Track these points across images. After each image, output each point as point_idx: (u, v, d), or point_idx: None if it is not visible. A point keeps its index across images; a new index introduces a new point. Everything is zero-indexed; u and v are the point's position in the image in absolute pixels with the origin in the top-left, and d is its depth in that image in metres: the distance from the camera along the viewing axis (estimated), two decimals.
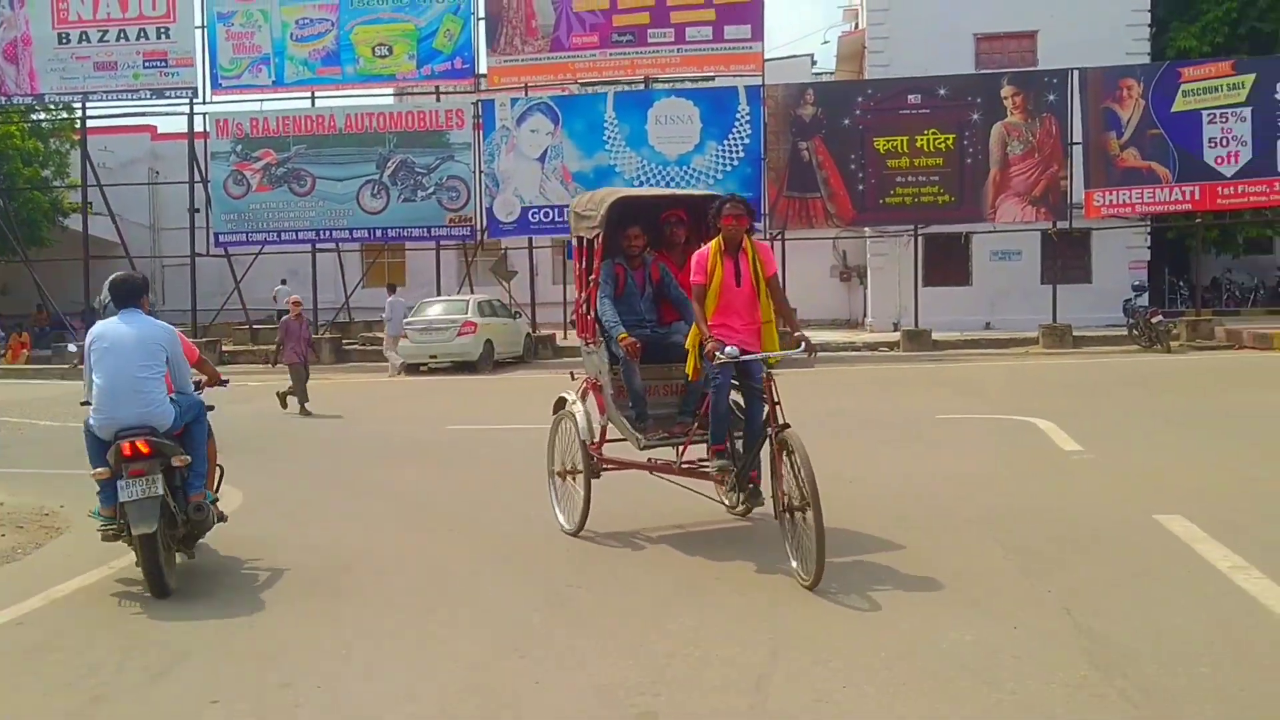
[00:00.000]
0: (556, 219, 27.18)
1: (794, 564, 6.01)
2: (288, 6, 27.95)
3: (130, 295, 6.69)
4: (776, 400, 6.22)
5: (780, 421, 6.11)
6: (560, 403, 7.71)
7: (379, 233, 28.45)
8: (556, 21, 27.44)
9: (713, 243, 6.70)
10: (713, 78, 28.17)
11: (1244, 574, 5.75)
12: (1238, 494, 7.87)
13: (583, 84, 28.24)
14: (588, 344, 7.49)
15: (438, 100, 28.42)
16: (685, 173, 26.56)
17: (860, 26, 34.48)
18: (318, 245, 28.72)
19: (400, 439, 12.86)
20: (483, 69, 28.29)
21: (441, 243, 29.00)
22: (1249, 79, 25.03)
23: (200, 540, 6.84)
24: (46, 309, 33.40)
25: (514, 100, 27.42)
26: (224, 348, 28.68)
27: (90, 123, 30.02)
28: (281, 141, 27.98)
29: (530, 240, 28.96)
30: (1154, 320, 23.25)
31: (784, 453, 6.07)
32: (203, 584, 6.50)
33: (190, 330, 29.46)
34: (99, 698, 4.65)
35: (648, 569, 6.50)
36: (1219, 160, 25.21)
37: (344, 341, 28.86)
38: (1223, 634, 4.91)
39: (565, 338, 27.59)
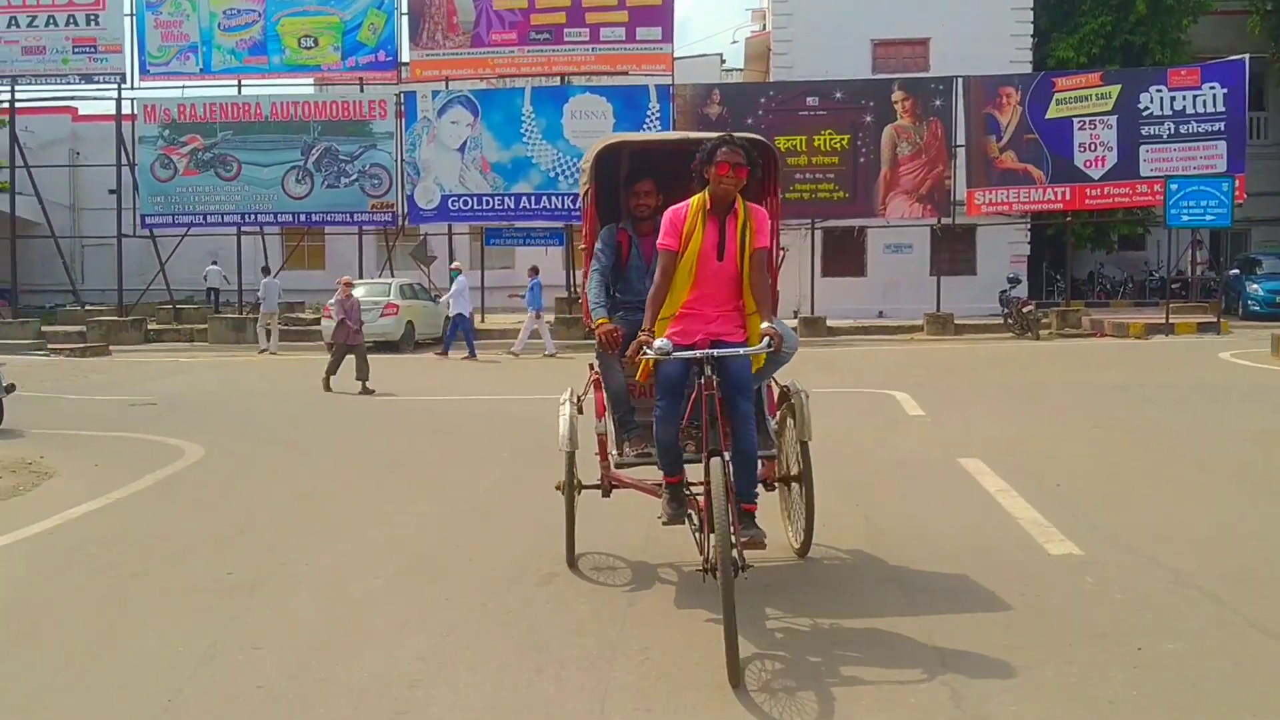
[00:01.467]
0: (475, 207, 28.58)
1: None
2: None
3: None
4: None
5: (710, 447, 4.83)
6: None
7: (303, 217, 29.60)
8: (477, 18, 28.78)
9: (695, 198, 5.28)
10: (626, 73, 29.70)
11: (1005, 495, 7.54)
12: (1028, 445, 9.73)
13: (501, 78, 29.60)
14: (588, 332, 6.20)
15: (361, 91, 29.58)
16: None
17: (767, 29, 36.30)
18: (243, 228, 29.72)
19: (331, 404, 14.28)
20: (405, 60, 29.52)
21: (364, 228, 30.18)
22: (1115, 90, 27.31)
23: None
24: None
25: (435, 93, 28.68)
26: (149, 326, 29.60)
27: (37, 116, 30.67)
28: (208, 127, 28.93)
29: (450, 227, 30.29)
30: (1025, 310, 25.41)
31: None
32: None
33: (116, 309, 30.37)
34: (136, 574, 6.14)
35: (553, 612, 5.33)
36: (1088, 164, 27.46)
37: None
38: (972, 529, 6.67)
39: (483, 320, 28.97)
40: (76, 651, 4.85)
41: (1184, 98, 27.09)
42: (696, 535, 5.16)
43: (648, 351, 4.95)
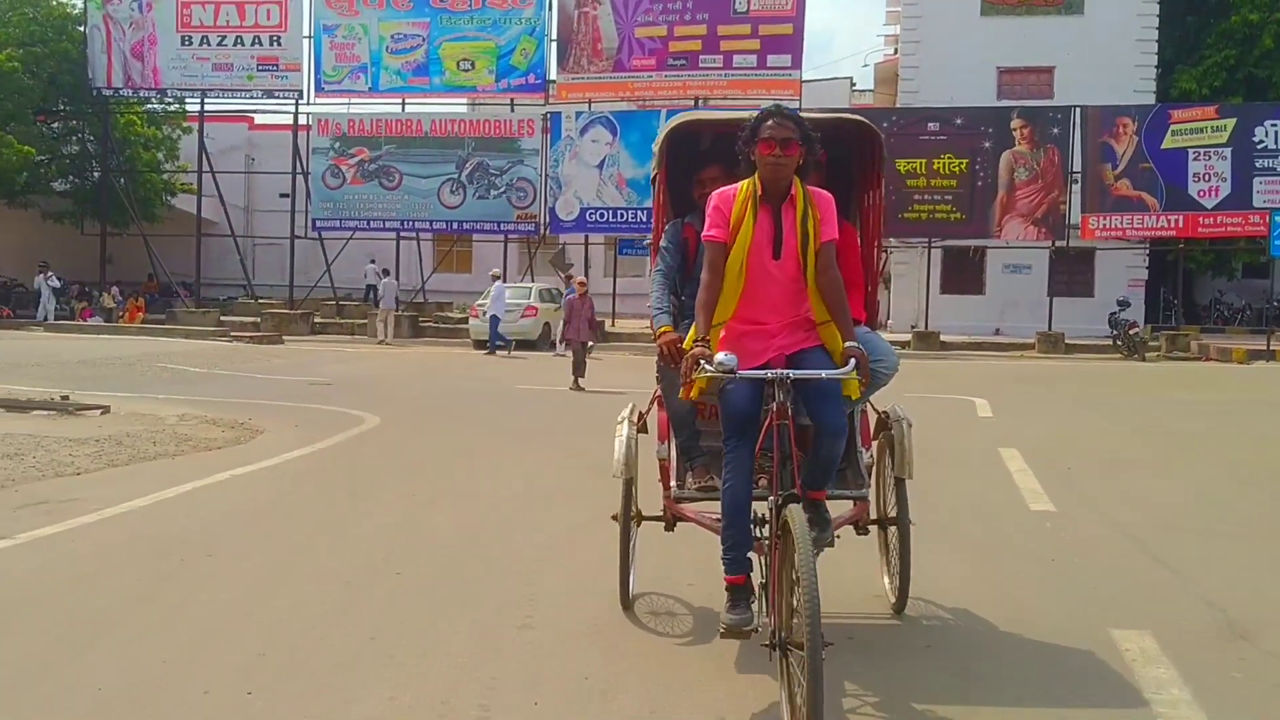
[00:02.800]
0: (611, 219, 30.89)
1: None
2: (385, 23, 31.87)
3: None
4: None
5: (786, 489, 4.10)
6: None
7: (455, 225, 32.33)
8: (620, 45, 31.11)
9: (745, 183, 4.43)
10: (757, 98, 31.59)
11: (1021, 474, 9.29)
12: (1066, 440, 11.40)
13: (640, 101, 31.85)
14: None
15: (512, 110, 32.17)
16: None
17: (897, 53, 37.81)
18: (401, 234, 32.58)
19: (480, 391, 16.60)
20: (553, 80, 32.01)
21: (509, 236, 32.74)
22: (1230, 123, 28.16)
23: None
24: (156, 278, 37.59)
25: (578, 113, 31.11)
26: (315, 319, 32.65)
27: (217, 123, 34.15)
28: (374, 141, 31.88)
29: (586, 237, 32.67)
30: (1131, 332, 26.51)
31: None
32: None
33: (285, 303, 33.58)
34: (353, 492, 8.39)
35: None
36: (1201, 194, 28.36)
37: (419, 319, 32.68)
38: (981, 493, 8.47)
39: (613, 325, 31.20)
40: (321, 528, 7.05)
41: None
42: (761, 595, 4.24)
43: (706, 367, 4.05)
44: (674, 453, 5.09)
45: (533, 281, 30.91)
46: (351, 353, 25.17)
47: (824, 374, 4.18)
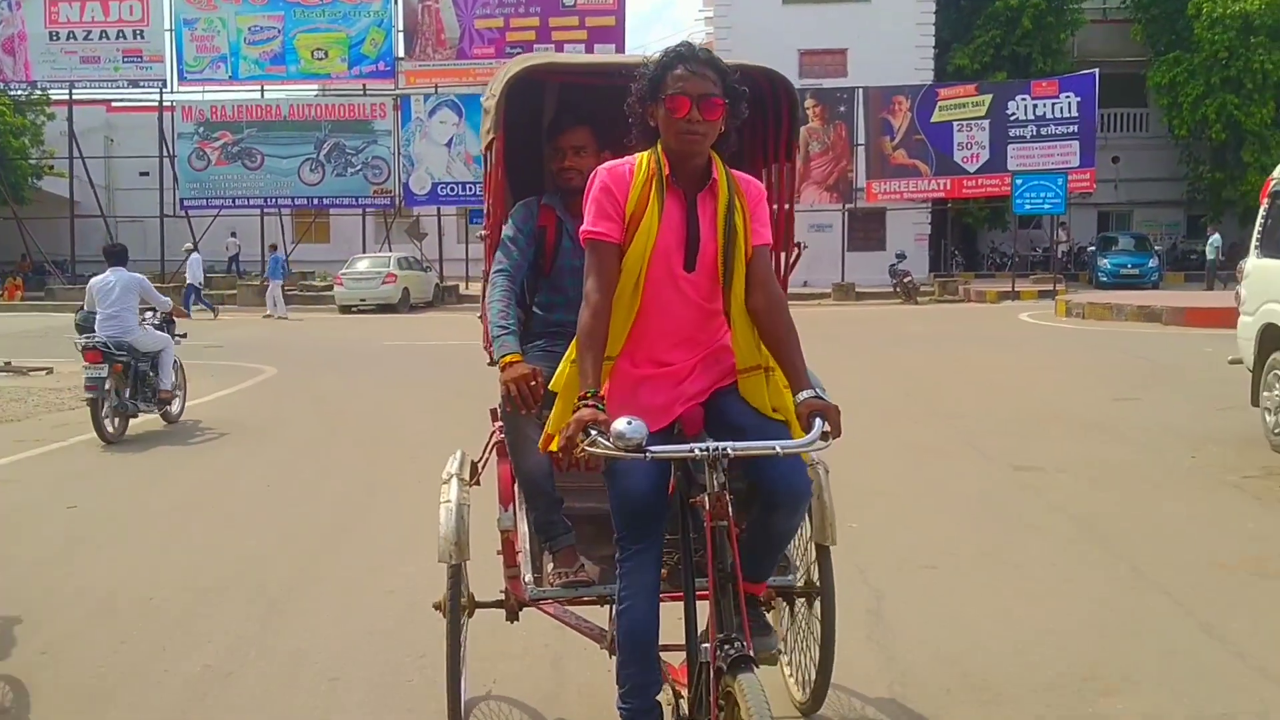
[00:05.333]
0: (461, 193, 34.37)
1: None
2: (243, 16, 34.60)
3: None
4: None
5: (726, 645, 2.76)
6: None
7: (316, 201, 35.39)
8: (461, 35, 34.52)
9: (643, 157, 3.09)
10: None
11: None
12: None
13: (482, 84, 35.22)
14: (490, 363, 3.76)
15: (364, 95, 35.23)
16: None
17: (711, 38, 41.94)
18: (265, 210, 35.44)
19: (352, 347, 20.13)
20: (402, 60, 35.18)
21: (366, 210, 35.91)
22: (988, 99, 33.11)
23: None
24: (30, 257, 39.54)
25: (426, 97, 34.41)
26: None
27: (75, 107, 36.31)
28: (236, 126, 34.65)
29: (439, 209, 36.04)
30: (906, 280, 31.26)
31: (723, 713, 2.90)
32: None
33: (160, 277, 36.08)
34: (271, 418, 12.00)
35: None
36: (965, 160, 33.31)
37: (285, 288, 35.57)
38: None
39: (467, 288, 34.71)
40: (259, 439, 10.66)
41: (1044, 105, 32.91)
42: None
43: (601, 441, 2.75)
44: (526, 530, 3.68)
45: (390, 251, 34.16)
46: (230, 320, 28.22)
47: (778, 447, 2.86)
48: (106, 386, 10.05)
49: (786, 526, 3.18)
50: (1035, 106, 32.90)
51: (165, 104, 35.20)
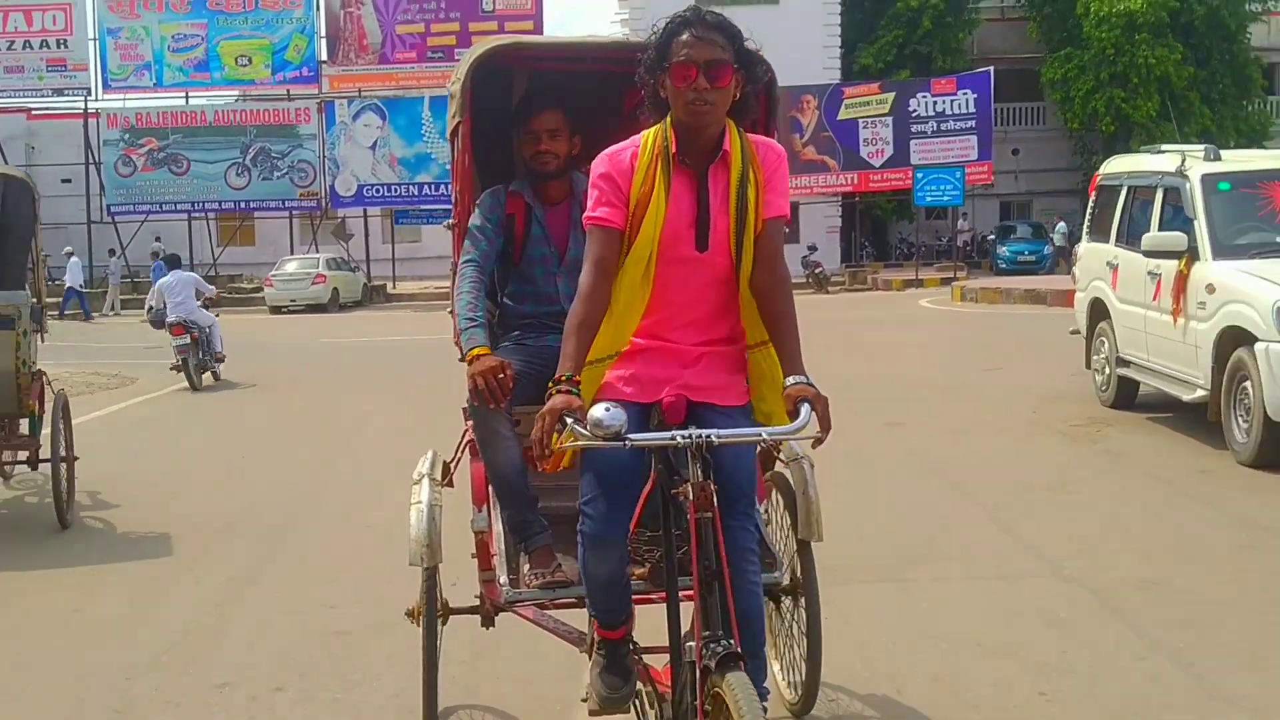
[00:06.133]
0: (386, 194, 35.29)
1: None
2: (166, 24, 35.11)
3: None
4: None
5: (713, 643, 2.64)
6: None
7: (243, 205, 36.03)
8: (383, 40, 35.36)
9: (650, 133, 2.97)
10: None
11: None
12: None
13: (404, 89, 36.17)
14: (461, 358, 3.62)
15: (289, 100, 35.95)
16: None
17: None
18: (192, 215, 36.01)
19: (292, 345, 21.10)
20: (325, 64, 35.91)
21: (293, 212, 36.64)
22: (890, 97, 34.80)
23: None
24: None
25: (350, 101, 35.23)
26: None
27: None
28: (162, 132, 35.16)
29: (365, 211, 36.81)
30: (817, 271, 32.83)
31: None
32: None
33: (88, 282, 36.49)
34: (235, 404, 13.07)
35: None
36: (870, 155, 34.97)
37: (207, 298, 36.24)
38: None
39: (394, 287, 35.59)
40: (217, 420, 11.73)
41: (943, 102, 34.65)
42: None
43: (577, 429, 2.65)
44: (501, 530, 3.61)
45: (318, 252, 34.93)
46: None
47: (764, 434, 2.83)
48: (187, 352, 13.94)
49: (746, 535, 2.99)
50: (935, 103, 34.63)
51: (90, 111, 35.54)
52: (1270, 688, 4.13)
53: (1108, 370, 9.90)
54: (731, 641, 2.61)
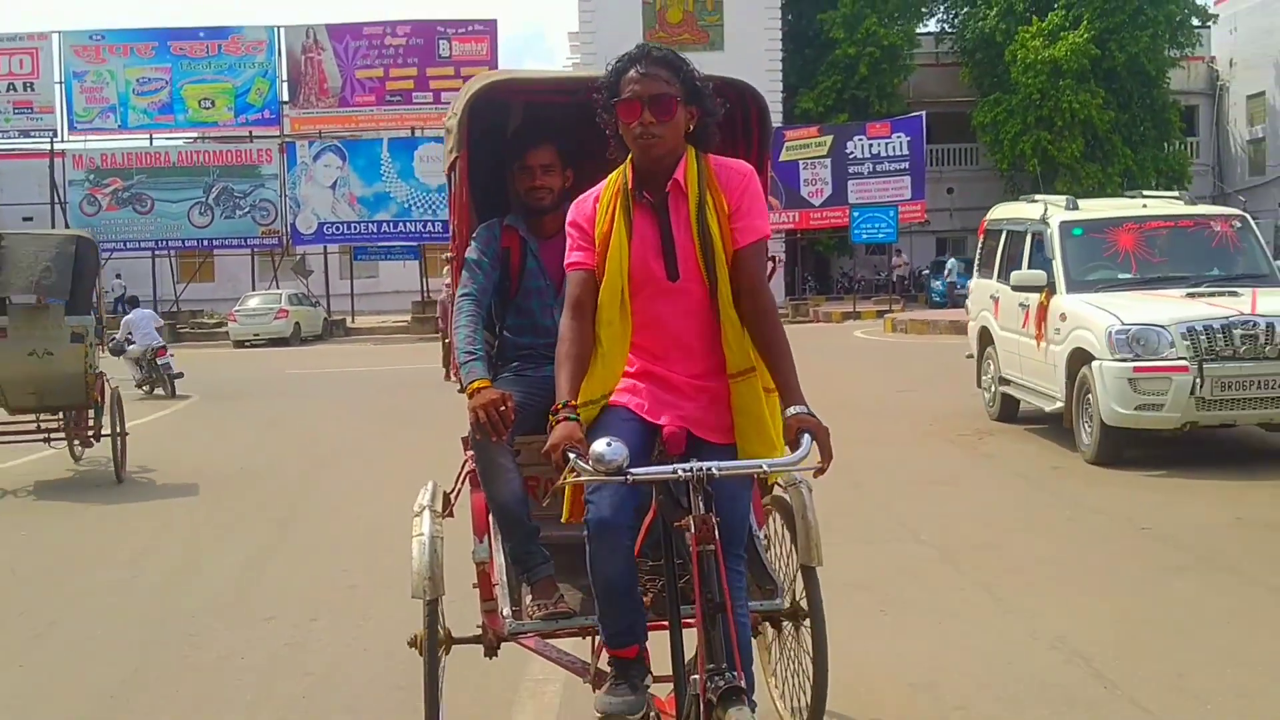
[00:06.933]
0: (346, 231, 36.54)
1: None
2: (131, 69, 36.31)
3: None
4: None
5: (716, 676, 2.69)
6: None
7: (206, 243, 37.15)
8: (343, 85, 36.74)
9: (612, 175, 3.10)
10: None
11: None
12: None
13: (364, 131, 37.53)
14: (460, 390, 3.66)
15: (251, 142, 37.19)
16: (444, 199, 36.01)
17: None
18: (156, 253, 37.05)
19: (262, 375, 22.32)
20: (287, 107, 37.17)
21: (255, 250, 37.78)
22: (829, 139, 36.68)
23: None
24: None
25: (310, 143, 36.53)
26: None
27: None
28: (126, 172, 36.25)
29: (325, 248, 38.04)
30: None
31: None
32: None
33: None
34: (215, 431, 14.34)
35: None
36: (811, 194, 36.79)
37: (178, 326, 37.22)
38: None
39: (353, 322, 36.75)
40: (216, 427, 12.99)
41: (879, 144, 36.54)
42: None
43: (580, 465, 2.70)
44: (503, 562, 3.63)
45: (279, 289, 36.07)
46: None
47: (765, 465, 2.83)
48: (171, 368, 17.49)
49: (737, 576, 3.07)
50: (871, 145, 36.51)
51: (55, 152, 36.54)
52: (1065, 609, 5.55)
53: (994, 388, 11.47)
54: (735, 674, 2.66)
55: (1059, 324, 9.53)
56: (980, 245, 12.38)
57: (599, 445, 2.67)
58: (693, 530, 2.68)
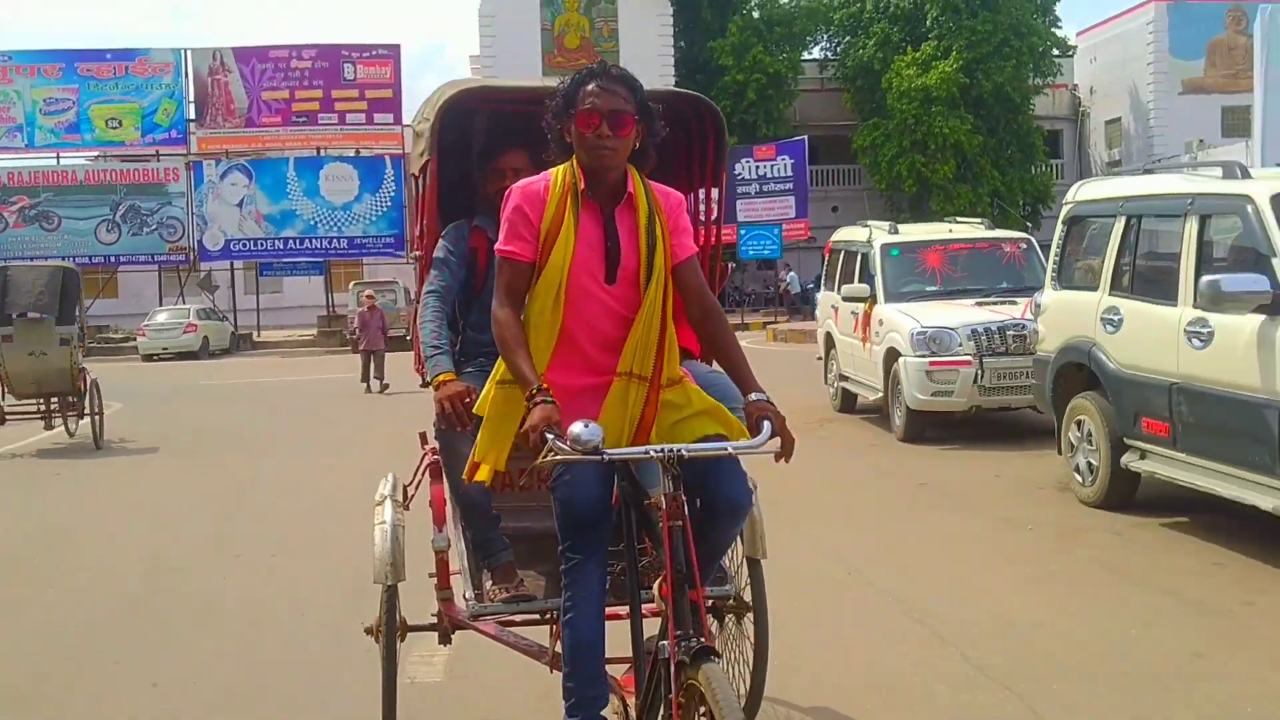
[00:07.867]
0: (253, 248, 37.62)
1: None
2: (38, 89, 37.09)
3: None
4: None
5: (685, 640, 2.83)
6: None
7: (113, 259, 37.94)
8: (250, 105, 37.92)
9: (558, 171, 3.20)
10: (369, 148, 38.93)
11: None
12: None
13: (269, 151, 38.66)
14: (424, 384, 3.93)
15: (158, 160, 38.10)
16: (349, 216, 37.48)
17: None
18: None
19: (180, 386, 23.55)
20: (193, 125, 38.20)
21: (162, 266, 38.64)
22: None
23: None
24: None
25: (217, 162, 37.57)
26: None
27: None
28: (33, 190, 36.95)
29: (232, 264, 39.00)
30: None
31: (684, 708, 2.92)
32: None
33: None
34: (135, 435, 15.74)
35: None
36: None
37: (85, 340, 37.81)
38: None
39: (258, 336, 37.78)
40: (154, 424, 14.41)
41: (765, 166, 38.78)
42: None
43: (559, 445, 2.81)
44: (465, 549, 3.72)
45: (186, 304, 36.94)
46: None
47: (729, 447, 3.00)
48: None
49: (725, 537, 3.30)
50: (757, 167, 38.76)
51: None
52: (845, 531, 7.45)
53: (836, 384, 13.49)
54: (703, 639, 2.82)
55: (878, 328, 11.54)
56: (825, 263, 14.41)
57: (576, 426, 2.82)
58: (663, 507, 2.86)
